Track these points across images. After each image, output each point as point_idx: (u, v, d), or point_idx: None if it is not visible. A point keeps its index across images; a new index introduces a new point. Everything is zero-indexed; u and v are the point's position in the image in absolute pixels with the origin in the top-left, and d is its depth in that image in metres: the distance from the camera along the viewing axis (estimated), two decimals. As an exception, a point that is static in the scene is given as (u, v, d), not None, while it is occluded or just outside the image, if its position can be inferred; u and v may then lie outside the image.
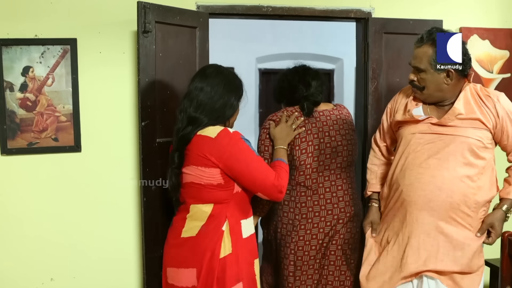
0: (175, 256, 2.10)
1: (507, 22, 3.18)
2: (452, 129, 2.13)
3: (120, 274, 2.83)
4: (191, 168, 2.03)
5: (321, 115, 2.47)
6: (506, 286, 2.09)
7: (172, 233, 2.14)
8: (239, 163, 1.99)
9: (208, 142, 1.99)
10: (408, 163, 2.17)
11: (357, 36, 3.08)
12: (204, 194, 2.03)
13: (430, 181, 2.11)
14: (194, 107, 2.04)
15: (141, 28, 2.49)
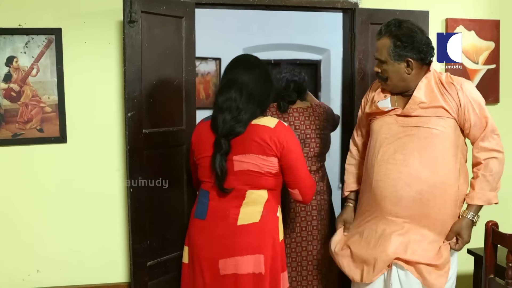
0: (233, 245, 2.08)
1: (493, 13, 3.20)
2: (416, 120, 2.13)
3: (106, 264, 2.82)
4: (251, 157, 2.08)
5: (294, 111, 2.92)
6: (490, 275, 2.12)
7: (221, 223, 2.11)
8: (293, 154, 2.10)
9: (268, 131, 2.07)
10: (377, 158, 2.19)
11: (343, 26, 3.08)
12: (262, 181, 2.09)
13: (398, 177, 2.13)
14: (246, 97, 2.09)
15: (126, 18, 2.47)
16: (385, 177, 2.15)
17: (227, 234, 2.09)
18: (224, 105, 2.10)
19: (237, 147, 2.09)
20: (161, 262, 2.72)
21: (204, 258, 2.12)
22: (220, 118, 2.11)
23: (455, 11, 3.14)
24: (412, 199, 2.11)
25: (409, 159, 2.12)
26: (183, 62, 2.72)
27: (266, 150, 2.07)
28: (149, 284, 2.67)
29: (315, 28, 5.62)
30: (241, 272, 2.07)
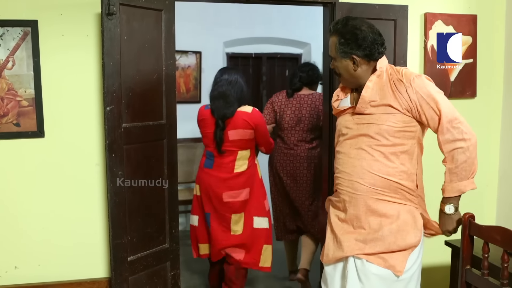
0: (233, 184, 3.22)
1: (471, 8, 3.24)
2: (368, 117, 2.18)
3: (86, 260, 2.80)
4: (238, 131, 3.17)
5: (297, 97, 3.78)
6: (467, 266, 2.15)
7: (223, 171, 3.23)
8: (260, 127, 3.23)
9: (247, 114, 3.18)
10: (339, 151, 2.28)
11: (324, 20, 3.08)
12: (246, 144, 3.23)
13: (353, 170, 2.19)
14: (237, 93, 3.20)
15: (105, 10, 2.44)
16: (343, 169, 2.24)
17: (228, 178, 3.22)
18: (222, 98, 3.18)
19: (230, 125, 3.17)
20: (142, 257, 2.71)
21: (213, 192, 3.22)
22: (217, 108, 3.18)
23: (434, 6, 3.16)
24: (366, 191, 2.16)
25: (361, 153, 2.18)
26: (163, 55, 2.70)
27: (246, 126, 3.17)
28: (130, 279, 2.66)
29: (296, 22, 5.62)
30: (237, 199, 3.22)
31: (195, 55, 5.41)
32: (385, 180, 2.15)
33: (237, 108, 3.17)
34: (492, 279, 2.03)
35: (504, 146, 3.33)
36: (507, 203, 3.28)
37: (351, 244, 2.18)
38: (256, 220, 3.30)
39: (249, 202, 3.27)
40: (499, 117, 3.35)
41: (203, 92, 5.50)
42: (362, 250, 2.15)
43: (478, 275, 2.09)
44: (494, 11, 3.29)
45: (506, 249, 1.94)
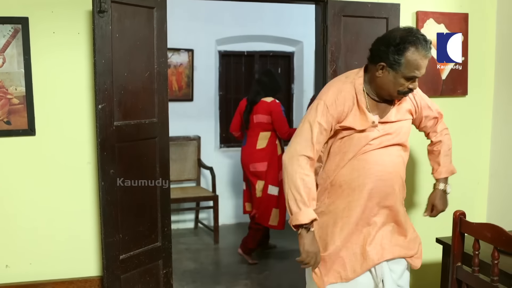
0: (255, 157, 4.28)
1: (462, 7, 3.25)
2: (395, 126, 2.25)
3: (78, 259, 2.79)
4: (259, 116, 4.26)
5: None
6: (457, 263, 2.16)
7: (250, 147, 4.33)
8: (276, 116, 4.23)
9: (267, 103, 4.27)
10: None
11: (316, 18, 3.09)
12: (265, 127, 4.27)
13: (389, 177, 2.23)
14: (263, 87, 4.34)
15: (96, 8, 2.42)
16: (375, 178, 2.20)
17: (252, 152, 4.30)
18: (251, 92, 4.43)
19: (255, 110, 4.28)
20: (133, 256, 2.71)
21: (244, 163, 4.38)
22: (249, 97, 4.39)
23: (425, 4, 3.17)
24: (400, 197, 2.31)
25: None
26: (155, 53, 2.69)
27: (265, 112, 4.24)
28: (122, 277, 2.66)
29: (288, 20, 5.62)
30: (259, 170, 4.28)
31: (187, 53, 5.40)
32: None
33: (262, 98, 4.27)
34: (483, 276, 2.04)
35: (494, 144, 3.35)
36: (498, 201, 3.30)
37: (395, 248, 2.26)
38: (270, 188, 4.26)
39: (267, 172, 4.25)
40: (490, 115, 3.37)
41: (195, 90, 5.49)
42: (405, 253, 2.29)
43: (469, 272, 2.10)
44: (485, 10, 3.30)
45: (497, 246, 1.95)
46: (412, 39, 2.05)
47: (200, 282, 4.02)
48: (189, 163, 5.41)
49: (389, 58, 2.08)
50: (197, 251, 4.80)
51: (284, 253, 4.70)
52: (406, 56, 2.05)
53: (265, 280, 4.07)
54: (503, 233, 1.92)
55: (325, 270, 2.25)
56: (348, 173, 2.19)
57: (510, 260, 1.91)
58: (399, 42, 2.06)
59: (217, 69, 5.71)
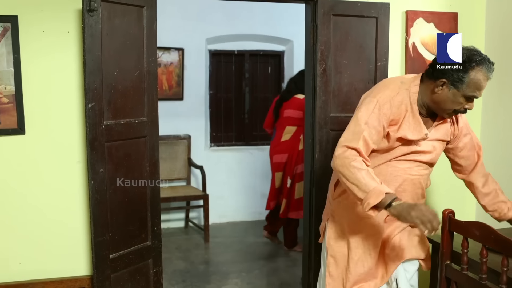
0: (278, 149, 4.60)
1: (452, 6, 3.27)
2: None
3: (68, 258, 2.77)
4: (289, 111, 4.55)
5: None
6: (446, 261, 2.18)
7: (276, 140, 4.66)
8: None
9: (299, 100, 4.41)
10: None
11: (306, 17, 3.09)
12: (293, 122, 4.54)
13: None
14: (295, 86, 4.57)
15: (86, 7, 2.42)
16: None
17: (277, 144, 4.64)
18: (284, 90, 4.89)
19: (286, 106, 4.58)
20: (123, 255, 2.70)
21: (270, 155, 4.71)
22: (281, 94, 4.80)
23: (415, 4, 3.19)
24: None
25: None
26: (145, 52, 2.69)
27: (296, 108, 4.47)
28: (112, 276, 2.65)
29: (279, 19, 5.63)
30: (280, 161, 4.59)
31: (178, 52, 5.39)
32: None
33: (294, 95, 4.54)
34: (472, 274, 2.06)
35: (484, 143, 3.37)
36: (486, 199, 3.33)
37: (412, 249, 2.30)
38: (288, 180, 4.58)
39: (286, 164, 4.58)
40: (479, 114, 3.39)
41: (186, 89, 5.49)
42: (420, 254, 2.33)
43: (458, 270, 2.12)
44: (474, 9, 3.33)
45: (485, 244, 1.97)
46: (478, 58, 2.06)
47: (190, 281, 4.02)
48: (180, 162, 5.40)
49: (453, 75, 2.08)
50: (187, 250, 4.79)
51: (275, 252, 4.72)
52: (470, 75, 2.05)
53: (255, 279, 4.07)
54: (491, 232, 1.94)
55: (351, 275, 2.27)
56: (376, 175, 2.13)
57: (498, 258, 1.93)
58: (466, 60, 2.07)
59: (208, 68, 5.70)
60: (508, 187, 3.14)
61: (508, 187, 3.14)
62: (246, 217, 5.75)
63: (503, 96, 3.20)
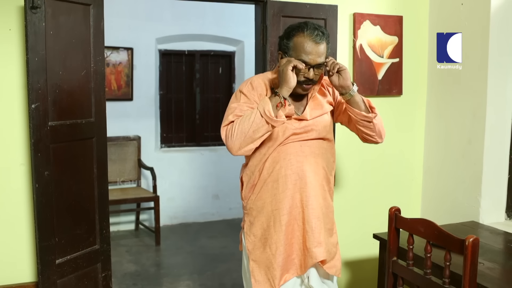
0: None
1: (397, 9, 3.36)
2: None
3: (12, 264, 2.67)
4: None
5: None
6: (393, 257, 2.24)
7: None
8: None
9: None
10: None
11: (256, 18, 3.10)
12: None
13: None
14: None
15: (28, 4, 2.33)
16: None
17: None
18: None
19: None
20: (71, 259, 2.63)
21: None
22: None
23: (362, 6, 3.26)
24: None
25: None
26: (91, 51, 2.62)
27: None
28: (58, 282, 2.57)
29: (229, 19, 5.63)
30: None
31: (127, 51, 5.30)
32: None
33: None
34: (417, 269, 2.12)
35: (428, 143, 3.50)
36: (431, 197, 3.44)
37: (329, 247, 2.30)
38: None
39: None
40: (423, 114, 3.50)
41: (135, 89, 5.40)
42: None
43: (404, 265, 2.18)
44: (418, 13, 3.43)
45: (429, 240, 2.03)
46: (301, 25, 2.15)
47: (141, 284, 3.96)
48: (129, 164, 5.31)
49: (282, 46, 2.18)
50: (138, 253, 4.72)
51: (227, 254, 4.71)
52: (294, 40, 2.14)
53: (207, 280, 4.05)
54: (435, 228, 2.01)
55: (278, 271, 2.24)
56: (270, 165, 2.21)
57: (442, 253, 2.00)
58: (289, 28, 2.19)
59: (158, 68, 5.63)
60: (450, 184, 3.27)
61: (450, 183, 3.26)
62: (198, 219, 5.71)
63: (446, 96, 3.31)
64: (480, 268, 2.12)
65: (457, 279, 1.97)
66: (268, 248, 2.23)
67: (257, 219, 2.27)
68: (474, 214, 3.06)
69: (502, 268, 2.27)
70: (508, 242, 2.66)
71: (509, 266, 2.30)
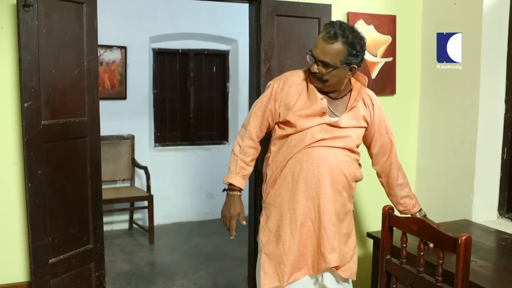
0: None
1: (390, 9, 3.37)
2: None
3: (4, 264, 2.66)
4: None
5: None
6: (387, 255, 2.25)
7: None
8: None
9: None
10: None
11: (250, 17, 3.10)
12: None
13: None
14: None
15: (21, 2, 2.32)
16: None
17: None
18: None
19: None
20: (64, 259, 2.62)
21: None
22: None
23: (356, 6, 3.26)
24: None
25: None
26: (85, 50, 2.61)
27: None
28: (51, 282, 2.56)
29: (223, 18, 5.62)
30: None
31: (120, 50, 5.28)
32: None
33: None
34: (410, 267, 2.13)
35: (421, 142, 3.51)
36: (424, 196, 3.45)
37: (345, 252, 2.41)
38: None
39: None
40: (417, 113, 3.51)
41: (129, 88, 5.39)
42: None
43: (397, 264, 2.19)
44: (411, 12, 3.44)
45: (422, 238, 2.04)
46: (330, 22, 2.23)
47: (134, 283, 3.95)
48: (123, 163, 5.29)
49: None
50: (131, 252, 4.71)
51: (220, 253, 4.71)
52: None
53: (201, 279, 4.05)
54: (428, 226, 2.02)
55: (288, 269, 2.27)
56: (293, 165, 2.25)
57: (435, 252, 2.01)
58: None
59: (151, 67, 5.62)
60: (443, 183, 3.28)
61: (443, 182, 3.27)
62: (192, 218, 5.71)
63: (438, 95, 3.32)
64: (473, 266, 2.13)
65: (450, 277, 1.98)
66: (281, 244, 2.26)
67: (273, 215, 2.30)
68: (466, 212, 3.07)
69: (494, 266, 2.28)
70: (500, 240, 2.67)
71: (501, 264, 2.31)
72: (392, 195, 2.52)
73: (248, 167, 2.34)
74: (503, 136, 3.07)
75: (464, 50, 3.07)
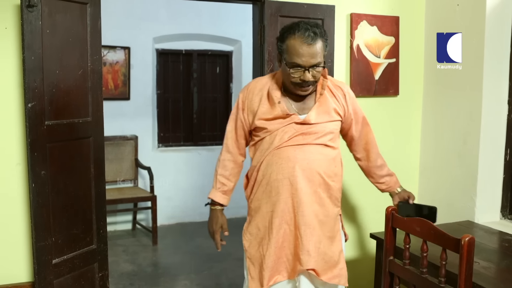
0: None
1: (393, 10, 3.37)
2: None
3: (8, 264, 2.66)
4: None
5: None
6: (390, 256, 2.24)
7: None
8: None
9: None
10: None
11: (253, 18, 3.10)
12: None
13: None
14: None
15: (25, 2, 2.33)
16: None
17: None
18: None
19: None
20: (67, 259, 2.63)
21: None
22: None
23: (359, 7, 3.26)
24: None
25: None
26: (88, 50, 2.62)
27: None
28: (55, 282, 2.57)
29: (227, 18, 5.63)
30: None
31: (124, 50, 5.29)
32: None
33: None
34: (413, 268, 2.13)
35: (424, 143, 3.50)
36: (427, 197, 3.45)
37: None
38: None
39: None
40: (420, 114, 3.51)
41: (132, 89, 5.40)
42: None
43: (400, 264, 2.18)
44: (414, 13, 3.44)
45: (425, 239, 2.04)
46: (293, 26, 2.12)
47: (138, 284, 3.96)
48: (126, 163, 5.30)
49: (278, 48, 2.18)
50: (134, 252, 4.71)
51: (223, 253, 4.70)
52: (286, 42, 2.12)
53: (204, 280, 4.06)
54: (431, 227, 2.02)
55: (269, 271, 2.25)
56: (265, 168, 2.24)
57: (438, 253, 2.00)
58: (283, 30, 2.17)
59: (155, 68, 5.63)
60: (446, 184, 3.28)
61: (446, 183, 3.27)
62: (195, 218, 5.71)
63: (442, 96, 3.32)
64: (476, 267, 2.12)
65: (453, 278, 1.98)
66: (261, 248, 2.26)
67: (253, 219, 2.30)
68: (469, 213, 3.07)
69: (497, 267, 2.27)
70: (503, 241, 2.67)
71: (504, 265, 2.31)
72: (374, 176, 2.51)
73: (229, 181, 2.39)
74: (506, 137, 3.07)
75: (467, 51, 3.07)
